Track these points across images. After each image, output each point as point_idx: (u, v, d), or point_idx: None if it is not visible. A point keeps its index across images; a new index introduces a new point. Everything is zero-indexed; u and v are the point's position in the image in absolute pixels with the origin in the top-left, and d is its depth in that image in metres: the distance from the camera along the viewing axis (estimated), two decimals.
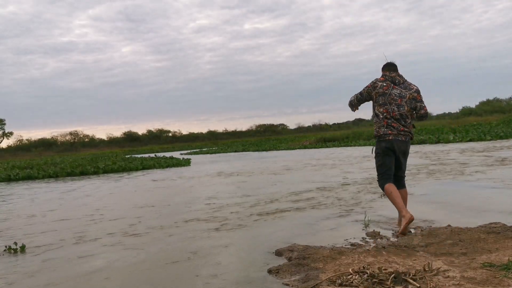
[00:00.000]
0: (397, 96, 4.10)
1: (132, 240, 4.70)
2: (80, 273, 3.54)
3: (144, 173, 15.84)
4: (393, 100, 4.10)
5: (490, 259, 2.98)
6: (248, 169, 13.88)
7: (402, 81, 4.19)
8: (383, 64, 4.33)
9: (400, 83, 4.17)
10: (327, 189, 7.66)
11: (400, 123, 4.11)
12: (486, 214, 4.65)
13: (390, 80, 4.17)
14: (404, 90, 4.14)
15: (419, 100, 4.19)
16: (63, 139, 74.67)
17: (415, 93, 4.17)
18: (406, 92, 4.14)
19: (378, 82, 4.19)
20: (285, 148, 30.57)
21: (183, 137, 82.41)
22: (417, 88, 4.22)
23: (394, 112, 4.09)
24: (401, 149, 4.16)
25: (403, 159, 4.27)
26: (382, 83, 4.17)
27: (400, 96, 4.11)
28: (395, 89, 4.13)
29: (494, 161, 10.03)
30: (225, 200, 7.15)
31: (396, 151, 4.16)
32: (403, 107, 4.10)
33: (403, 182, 4.37)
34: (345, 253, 3.44)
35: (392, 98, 4.10)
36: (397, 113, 4.09)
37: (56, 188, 12.05)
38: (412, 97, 4.15)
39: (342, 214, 5.27)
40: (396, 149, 4.14)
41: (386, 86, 4.14)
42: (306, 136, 46.69)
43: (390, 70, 4.23)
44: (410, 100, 4.14)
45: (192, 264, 3.58)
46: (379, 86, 4.16)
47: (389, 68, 4.24)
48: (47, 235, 5.26)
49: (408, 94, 4.14)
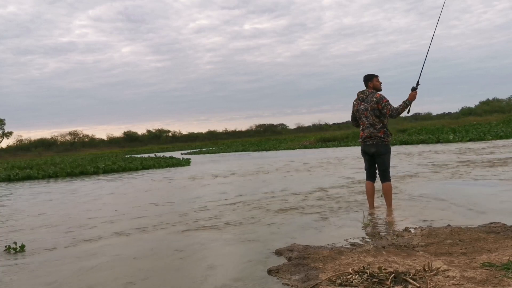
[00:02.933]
0: (363, 110, 5.07)
1: (132, 239, 4.69)
2: (80, 273, 3.54)
3: (144, 173, 15.83)
4: (362, 114, 5.09)
5: (490, 259, 2.98)
6: (248, 169, 13.87)
7: (365, 96, 5.07)
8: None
9: (364, 99, 5.07)
10: (326, 189, 7.66)
11: (370, 130, 5.03)
12: (486, 214, 4.65)
13: (359, 99, 5.13)
14: (366, 104, 5.03)
15: (382, 107, 4.91)
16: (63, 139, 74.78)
17: (375, 104, 4.96)
18: (368, 105, 5.01)
19: (354, 102, 5.20)
20: (285, 148, 30.58)
21: (183, 137, 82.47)
22: (376, 99, 4.96)
23: (364, 122, 5.08)
24: (371, 150, 5.08)
25: (378, 159, 5.10)
26: (355, 102, 5.18)
27: (365, 110, 5.05)
28: (361, 105, 5.09)
29: (494, 161, 10.03)
30: (225, 200, 7.15)
31: (368, 153, 5.14)
32: (369, 117, 5.02)
33: (387, 176, 5.13)
34: (345, 253, 3.44)
35: (361, 113, 5.10)
36: (367, 123, 5.05)
37: (56, 188, 12.05)
38: (372, 108, 4.97)
39: (342, 214, 5.27)
40: (367, 151, 5.14)
41: (357, 104, 5.15)
42: (306, 136, 46.69)
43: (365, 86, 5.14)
44: (373, 110, 4.98)
45: (192, 264, 3.58)
46: (354, 105, 5.20)
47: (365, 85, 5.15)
48: (47, 235, 5.26)
49: (369, 106, 4.99)
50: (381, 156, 5.07)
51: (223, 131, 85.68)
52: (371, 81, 5.10)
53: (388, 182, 5.14)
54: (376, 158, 5.11)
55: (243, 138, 68.41)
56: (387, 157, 5.09)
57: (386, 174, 5.12)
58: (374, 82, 5.10)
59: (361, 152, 5.31)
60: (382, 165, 5.11)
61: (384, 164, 5.09)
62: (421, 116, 62.59)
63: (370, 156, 5.16)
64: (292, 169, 12.56)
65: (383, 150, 5.04)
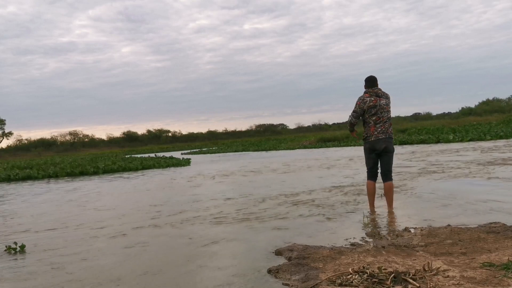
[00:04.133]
0: (384, 105, 5.10)
1: (131, 239, 4.69)
2: (80, 272, 3.54)
3: (144, 173, 15.83)
4: (382, 109, 5.08)
5: (490, 258, 2.98)
6: (248, 169, 13.87)
7: (382, 93, 5.13)
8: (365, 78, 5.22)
9: (381, 95, 5.11)
10: (326, 189, 7.66)
11: (385, 125, 5.07)
12: (486, 214, 4.65)
13: (375, 95, 5.10)
14: (387, 100, 5.14)
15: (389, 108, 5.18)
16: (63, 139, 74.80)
17: (389, 101, 5.17)
18: (388, 100, 5.16)
19: (366, 98, 5.12)
20: (285, 148, 30.57)
21: (182, 137, 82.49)
22: (389, 99, 5.19)
23: (382, 118, 5.08)
24: (381, 146, 5.03)
25: (385, 156, 5.09)
26: (369, 98, 5.10)
27: (386, 105, 5.12)
28: (381, 100, 5.10)
29: (494, 161, 10.03)
30: (225, 200, 7.15)
31: (378, 150, 5.06)
32: (388, 113, 5.13)
33: (389, 176, 5.13)
34: (344, 253, 3.44)
35: (382, 108, 5.08)
36: (385, 118, 5.09)
37: (56, 188, 12.04)
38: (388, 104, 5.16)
39: (342, 214, 5.27)
40: (377, 148, 5.06)
41: (375, 100, 5.09)
42: (306, 136, 46.68)
43: (373, 86, 5.15)
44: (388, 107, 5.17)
45: (191, 264, 3.58)
46: (368, 101, 5.09)
47: (372, 84, 5.17)
48: (47, 235, 5.26)
49: (388, 102, 5.15)
50: (388, 154, 5.08)
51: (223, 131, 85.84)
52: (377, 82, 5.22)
53: (391, 181, 5.15)
54: (383, 155, 5.09)
55: (243, 138, 68.40)
56: (392, 156, 5.13)
57: (389, 173, 5.13)
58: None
59: (367, 150, 5.20)
60: (387, 164, 5.10)
61: (389, 162, 5.11)
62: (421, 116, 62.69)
63: (377, 154, 5.11)
64: (292, 169, 12.56)
65: (392, 147, 5.09)
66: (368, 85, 5.19)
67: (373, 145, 5.08)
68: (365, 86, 5.22)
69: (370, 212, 5.24)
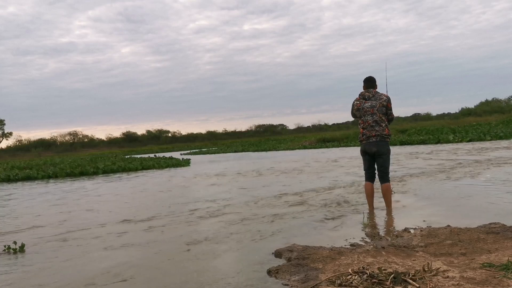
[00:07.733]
0: (368, 108, 5.06)
1: (131, 239, 4.69)
2: (80, 273, 3.54)
3: (143, 173, 15.83)
4: (366, 112, 5.07)
5: (490, 259, 2.98)
6: (247, 169, 13.87)
7: (372, 94, 5.09)
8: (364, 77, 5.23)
9: (370, 97, 5.09)
10: (326, 189, 7.66)
11: (374, 128, 5.03)
12: (485, 214, 4.65)
13: (362, 97, 5.14)
14: (373, 102, 5.05)
15: (389, 108, 5.09)
16: (63, 140, 74.75)
17: (385, 102, 5.06)
18: (376, 102, 5.04)
19: (354, 101, 5.21)
20: (285, 149, 30.58)
21: (182, 137, 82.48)
22: (386, 98, 5.09)
23: (367, 121, 5.06)
24: (372, 150, 5.05)
25: (379, 159, 5.09)
26: (356, 101, 5.19)
27: (372, 107, 5.04)
28: (366, 103, 5.09)
29: (494, 161, 10.03)
30: (224, 200, 7.15)
31: (369, 153, 5.11)
32: (376, 115, 5.03)
33: (386, 177, 5.13)
34: (344, 253, 3.44)
35: (365, 111, 5.07)
36: (371, 121, 5.04)
37: (56, 189, 12.04)
38: (382, 105, 5.03)
39: (341, 215, 5.27)
40: (368, 151, 5.11)
41: (359, 103, 5.14)
42: (305, 136, 46.65)
43: (368, 87, 5.17)
44: (381, 108, 5.04)
45: (191, 264, 3.58)
46: (355, 104, 5.20)
47: (367, 85, 5.18)
48: (46, 235, 5.26)
49: (378, 104, 5.03)
50: (382, 156, 5.07)
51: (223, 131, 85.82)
52: (375, 83, 5.22)
53: (388, 183, 5.15)
54: (377, 158, 5.11)
55: (242, 139, 68.38)
56: (387, 157, 5.12)
57: (385, 175, 5.13)
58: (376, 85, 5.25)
59: (361, 153, 5.28)
60: (382, 166, 5.10)
61: (384, 164, 5.10)
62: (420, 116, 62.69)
63: (371, 156, 5.15)
64: (291, 169, 12.55)
65: (384, 150, 5.05)
66: (366, 86, 5.20)
67: (364, 148, 5.14)
68: (363, 86, 5.23)
69: (369, 212, 5.24)
